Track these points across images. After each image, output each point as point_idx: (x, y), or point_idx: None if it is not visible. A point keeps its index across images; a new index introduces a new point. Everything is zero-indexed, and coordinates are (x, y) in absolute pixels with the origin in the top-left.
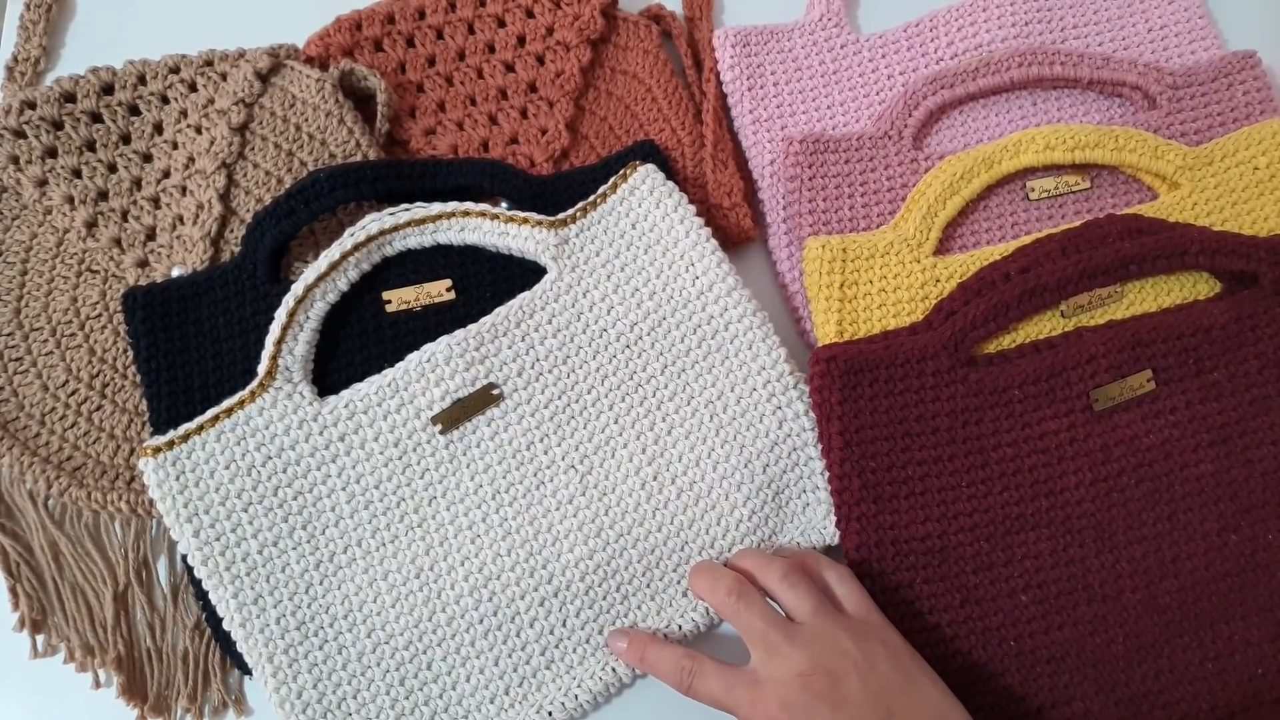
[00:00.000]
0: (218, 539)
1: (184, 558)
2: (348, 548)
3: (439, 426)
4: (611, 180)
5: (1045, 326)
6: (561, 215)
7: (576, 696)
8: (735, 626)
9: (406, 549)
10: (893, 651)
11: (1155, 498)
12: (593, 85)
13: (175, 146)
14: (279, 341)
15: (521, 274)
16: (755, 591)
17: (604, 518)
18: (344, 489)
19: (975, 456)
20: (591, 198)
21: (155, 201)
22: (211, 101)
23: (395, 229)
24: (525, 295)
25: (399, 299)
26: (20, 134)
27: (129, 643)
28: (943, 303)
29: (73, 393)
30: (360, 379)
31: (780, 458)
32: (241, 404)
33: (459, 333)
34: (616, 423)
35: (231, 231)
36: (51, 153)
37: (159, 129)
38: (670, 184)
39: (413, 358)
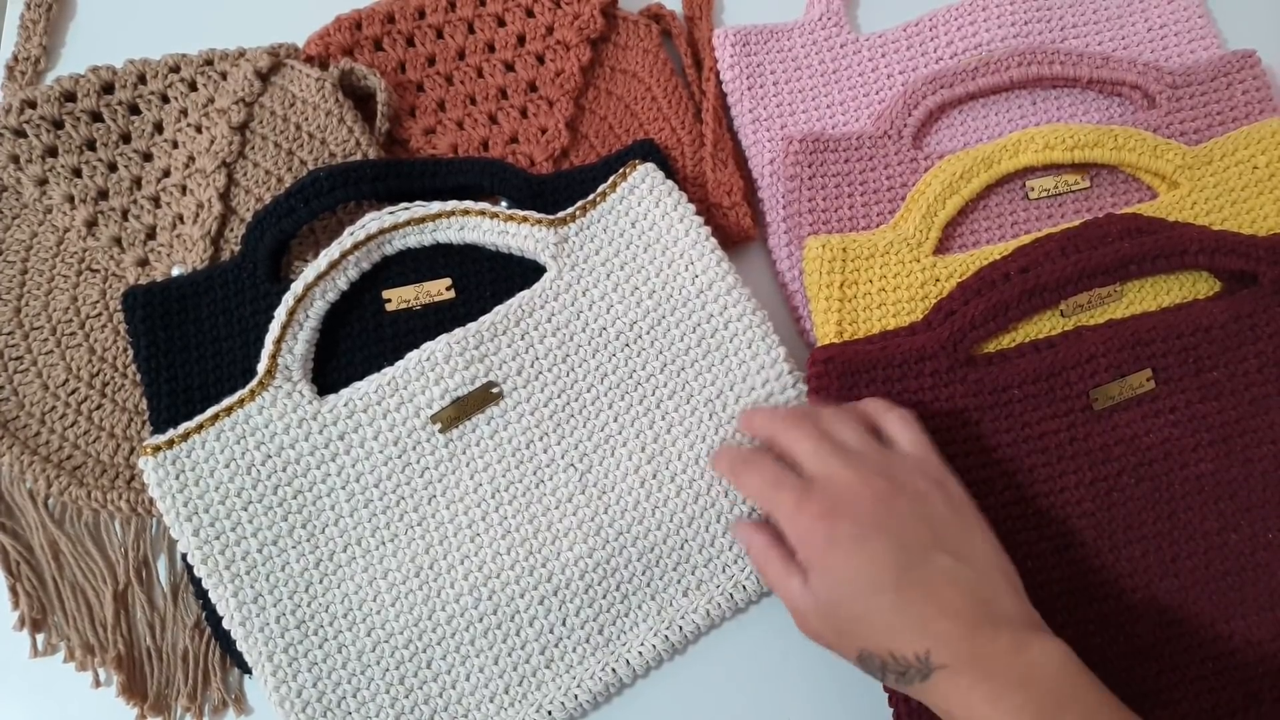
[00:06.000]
0: (217, 538)
1: (184, 557)
2: (347, 546)
3: (438, 425)
4: (611, 179)
5: (1045, 326)
6: (561, 214)
7: (576, 696)
8: (785, 445)
9: (406, 548)
10: (949, 493)
11: (1155, 497)
12: (592, 84)
13: (175, 145)
14: (279, 340)
15: (521, 273)
16: (809, 419)
17: (603, 516)
18: (343, 488)
19: (975, 456)
20: (591, 196)
21: (155, 200)
22: (212, 100)
23: (395, 228)
24: (525, 294)
25: (399, 298)
26: (20, 133)
27: (129, 642)
28: (942, 302)
29: (73, 391)
30: (360, 378)
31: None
32: (241, 403)
33: (458, 331)
34: (616, 421)
35: (232, 230)
36: (52, 152)
37: (159, 128)
38: (670, 183)
39: (412, 356)
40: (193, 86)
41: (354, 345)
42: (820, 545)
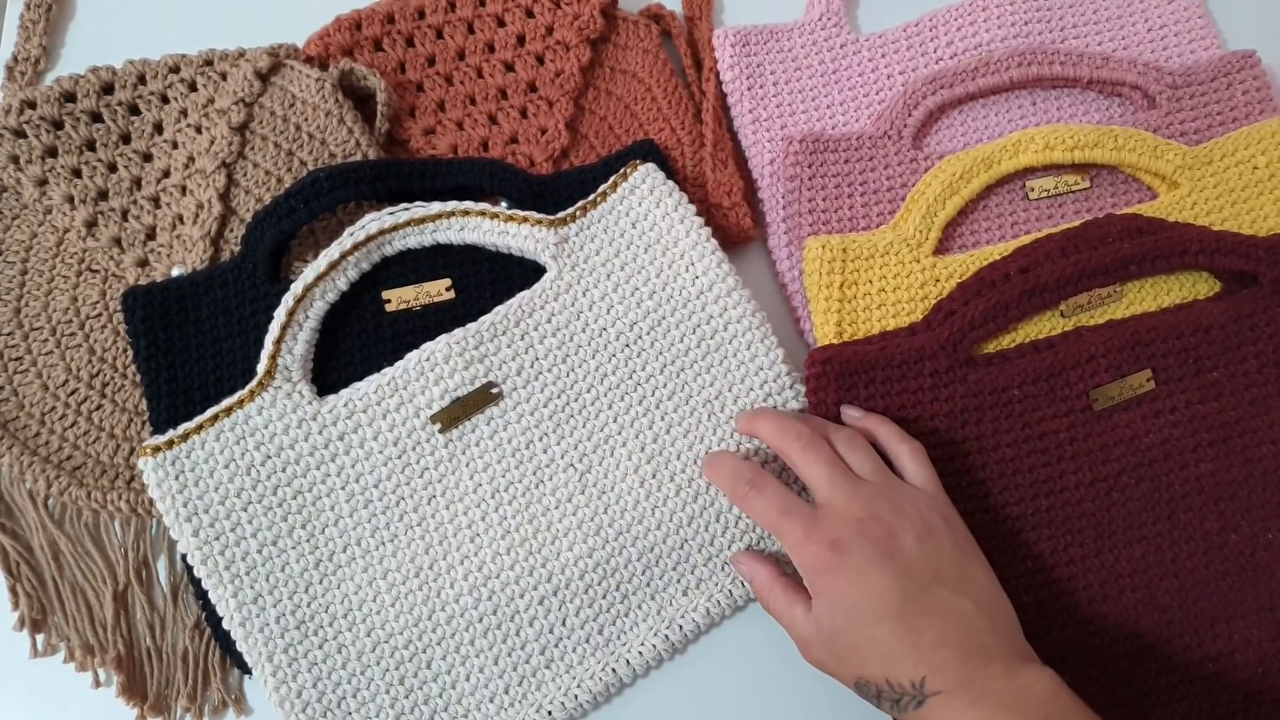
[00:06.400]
0: (217, 538)
1: (184, 557)
2: (347, 547)
3: (438, 425)
4: (611, 179)
5: (1045, 326)
6: (561, 214)
7: (576, 696)
8: (798, 468)
9: (406, 548)
10: (954, 528)
11: (1155, 497)
12: (592, 85)
13: (175, 146)
14: (278, 341)
15: (521, 273)
16: (824, 442)
17: (603, 516)
18: (343, 488)
19: (975, 457)
20: (591, 196)
21: (155, 201)
22: (211, 101)
23: (395, 228)
24: (525, 294)
25: (398, 298)
26: (20, 133)
27: (129, 642)
28: (942, 303)
29: (72, 392)
30: (360, 378)
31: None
32: (241, 403)
33: (458, 331)
34: (615, 422)
35: (231, 231)
36: (51, 152)
37: (159, 128)
38: (670, 183)
39: (412, 356)
40: (192, 87)
41: (354, 346)
42: (827, 574)
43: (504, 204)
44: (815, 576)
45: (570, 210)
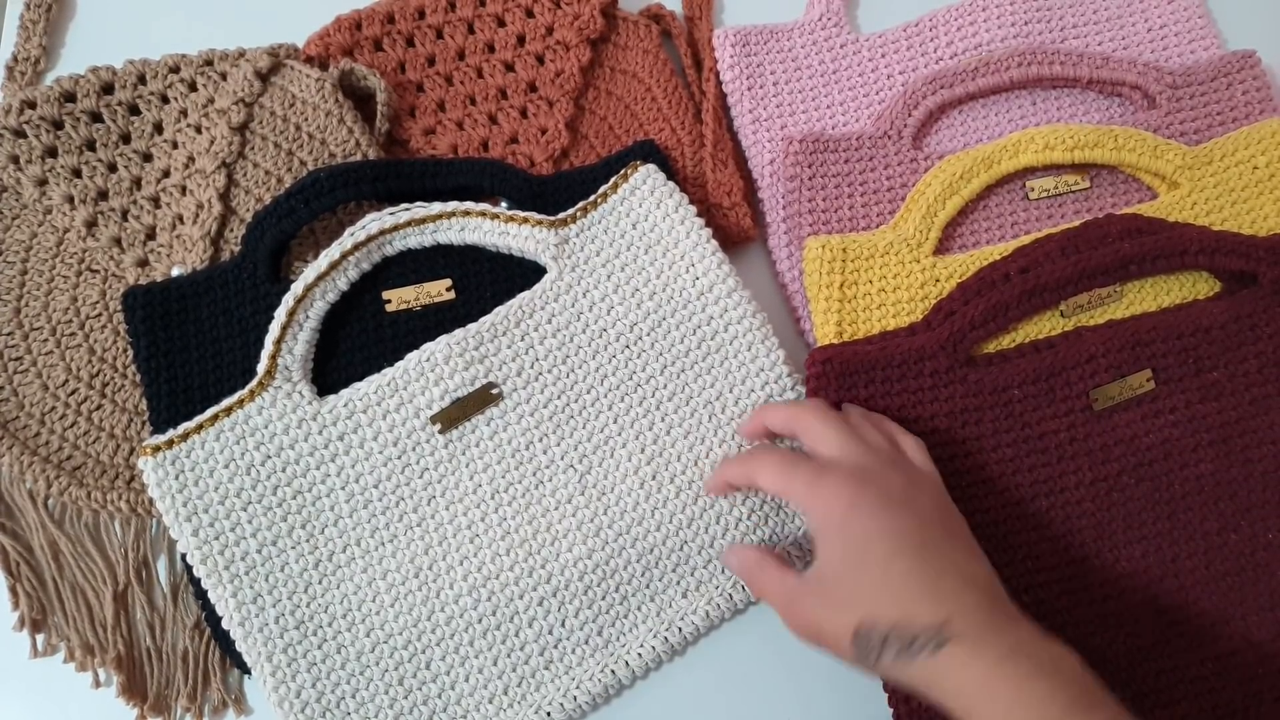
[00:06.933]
0: (217, 538)
1: (183, 557)
2: (347, 547)
3: (438, 426)
4: (612, 180)
5: (1045, 326)
6: (562, 215)
7: (575, 697)
8: (812, 433)
9: (405, 548)
10: (941, 507)
11: (1155, 497)
12: (592, 85)
13: (175, 146)
14: (279, 341)
15: (521, 274)
16: (837, 414)
17: (603, 517)
18: (343, 488)
19: (975, 457)
20: (592, 197)
21: (155, 201)
22: (211, 101)
23: (395, 228)
24: (525, 295)
25: (399, 298)
26: (20, 133)
27: (129, 642)
28: (942, 303)
29: (72, 392)
30: (360, 378)
31: None
32: (241, 403)
33: (458, 332)
34: (616, 422)
35: (231, 231)
36: (51, 152)
37: (159, 128)
38: (670, 184)
39: (412, 357)
40: (192, 87)
41: (354, 346)
42: (842, 508)
43: (504, 204)
44: (829, 513)
45: (571, 211)
